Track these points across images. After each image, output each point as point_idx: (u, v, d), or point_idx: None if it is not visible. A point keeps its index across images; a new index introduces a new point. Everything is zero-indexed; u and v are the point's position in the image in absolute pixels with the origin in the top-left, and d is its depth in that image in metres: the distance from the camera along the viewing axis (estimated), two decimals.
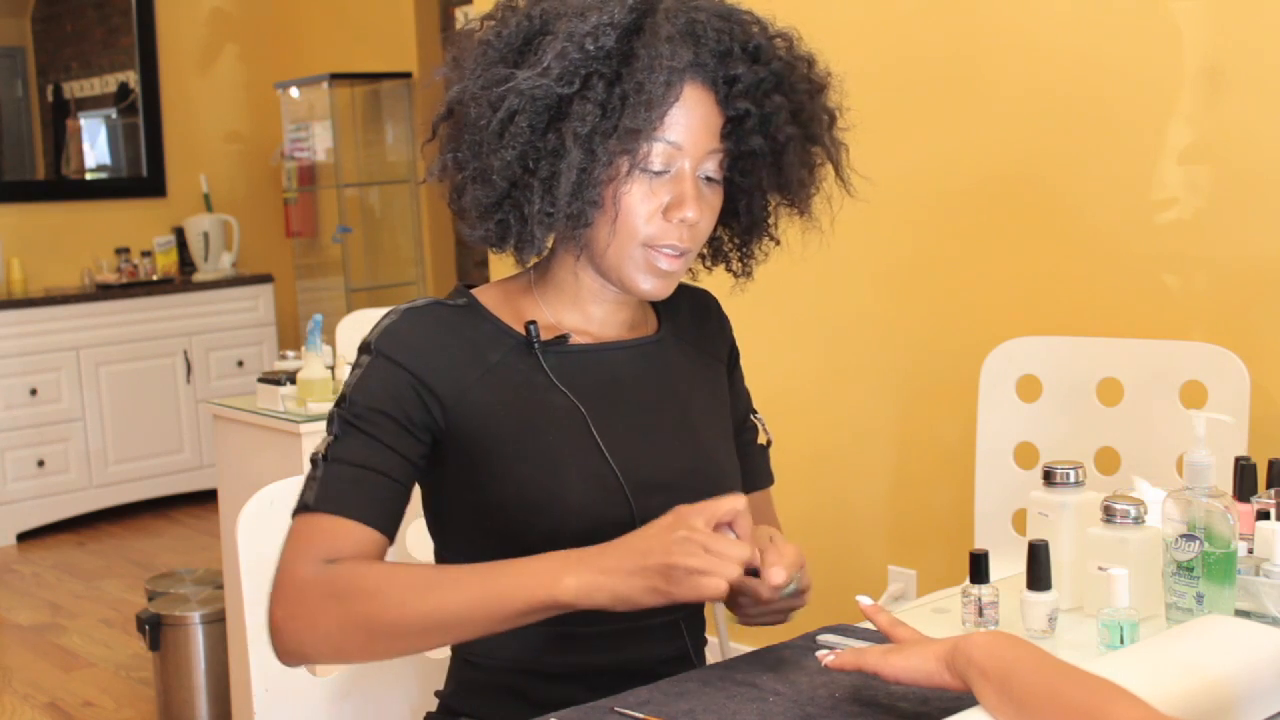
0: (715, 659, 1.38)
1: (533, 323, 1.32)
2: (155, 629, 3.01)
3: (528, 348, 1.32)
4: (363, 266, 5.40)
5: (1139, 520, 1.37)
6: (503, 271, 1.47)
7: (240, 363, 5.39)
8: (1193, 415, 1.35)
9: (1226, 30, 2.21)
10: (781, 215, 1.41)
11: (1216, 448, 1.33)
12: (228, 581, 3.01)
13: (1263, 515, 1.35)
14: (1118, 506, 1.37)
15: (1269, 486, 1.44)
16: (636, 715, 1.14)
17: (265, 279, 5.53)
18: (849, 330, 2.85)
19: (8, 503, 4.84)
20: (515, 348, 1.32)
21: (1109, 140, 2.36)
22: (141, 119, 5.62)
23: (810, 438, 2.92)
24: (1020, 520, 2.26)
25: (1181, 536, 1.30)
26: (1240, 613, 1.30)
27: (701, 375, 1.45)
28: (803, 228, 1.41)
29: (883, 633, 1.17)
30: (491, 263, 3.75)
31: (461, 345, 1.29)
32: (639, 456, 1.31)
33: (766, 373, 2.95)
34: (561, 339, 1.33)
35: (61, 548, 4.81)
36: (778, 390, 2.94)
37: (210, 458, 5.19)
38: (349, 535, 1.21)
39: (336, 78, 5.18)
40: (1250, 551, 1.34)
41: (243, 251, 5.68)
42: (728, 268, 1.46)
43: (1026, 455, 2.30)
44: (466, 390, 1.28)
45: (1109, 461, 2.23)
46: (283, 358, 3.16)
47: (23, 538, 4.90)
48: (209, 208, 5.67)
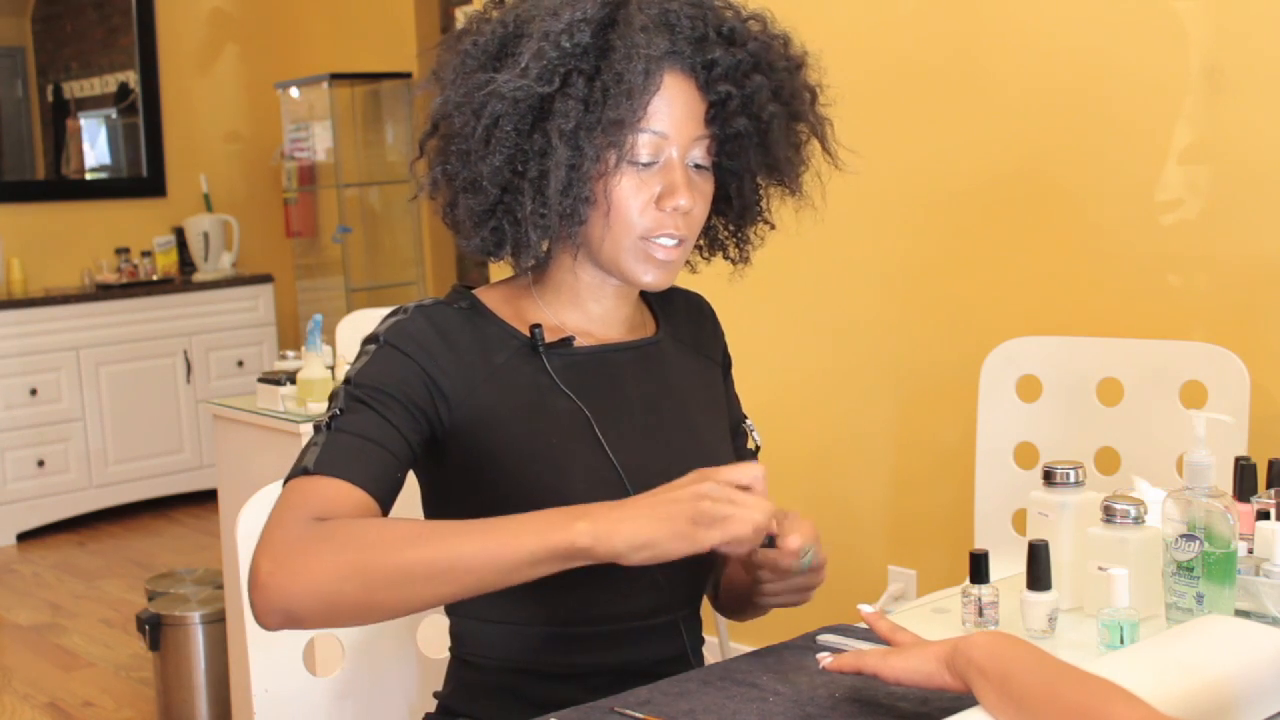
0: (715, 659, 1.38)
1: (537, 326, 1.32)
2: (155, 629, 3.02)
3: (532, 350, 1.32)
4: (363, 266, 5.40)
5: (1139, 520, 1.37)
6: (501, 273, 1.47)
7: (240, 363, 5.39)
8: (1193, 415, 1.35)
9: (1227, 30, 2.21)
10: (774, 198, 1.42)
11: (1216, 448, 1.33)
12: (228, 581, 3.01)
13: (1263, 515, 1.35)
14: (1118, 506, 1.37)
15: (1269, 486, 1.44)
16: (636, 715, 1.14)
17: (265, 279, 5.53)
18: (849, 330, 2.85)
19: (8, 503, 4.84)
20: (519, 350, 1.32)
21: (1109, 140, 2.36)
22: (141, 119, 5.62)
23: (810, 438, 2.92)
24: (1020, 520, 2.26)
25: (1181, 536, 1.30)
26: (1240, 613, 1.30)
27: (700, 377, 1.46)
28: (796, 208, 1.41)
29: (883, 639, 1.17)
30: (491, 263, 3.75)
31: (469, 346, 1.30)
32: (642, 458, 1.32)
33: (766, 373, 2.96)
34: (565, 341, 1.34)
35: (61, 548, 4.81)
36: (778, 390, 2.94)
37: (210, 458, 5.19)
38: (347, 498, 1.18)
39: (336, 78, 5.18)
40: (1250, 551, 1.34)
41: (243, 251, 5.68)
42: (725, 255, 1.46)
43: (1026, 455, 2.30)
44: (473, 391, 1.28)
45: (1109, 461, 2.23)
46: (283, 358, 3.16)
47: (23, 538, 4.90)
48: (209, 208, 5.67)
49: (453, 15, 5.23)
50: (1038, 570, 1.33)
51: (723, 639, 2.56)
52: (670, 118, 1.27)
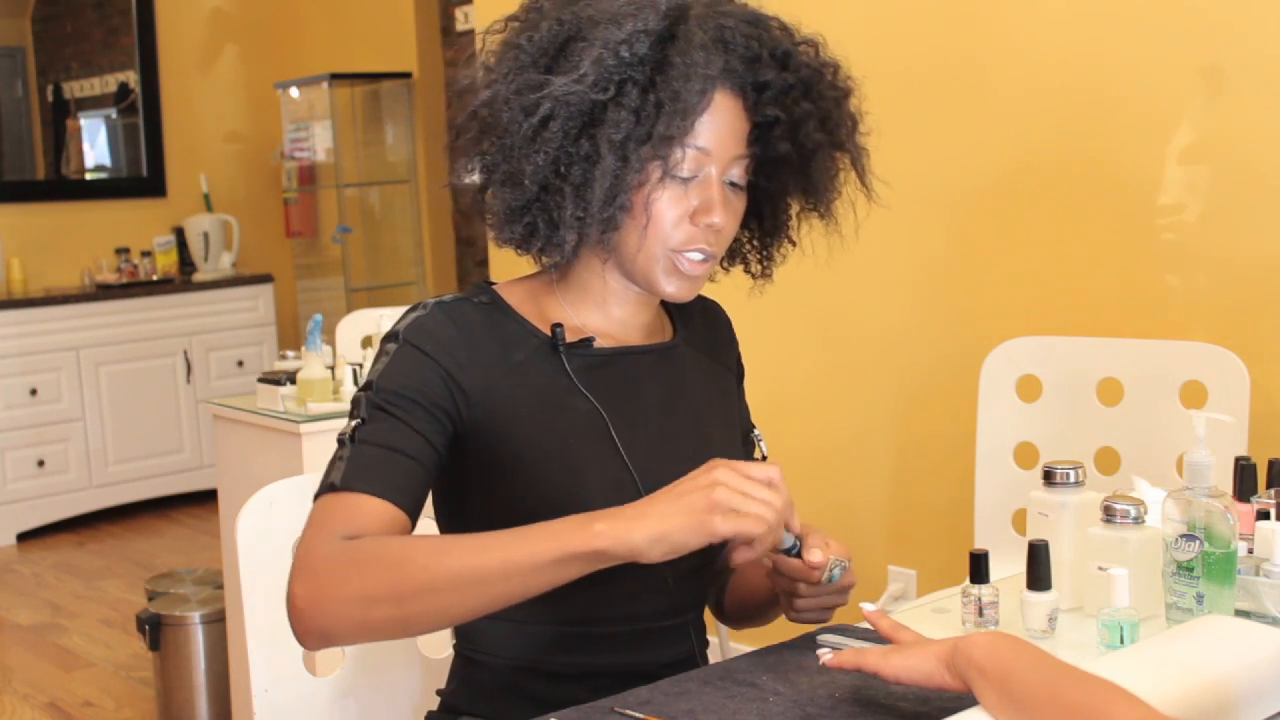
0: (715, 659, 1.39)
1: (559, 325, 1.33)
2: (155, 629, 3.02)
3: (552, 349, 1.32)
4: (363, 266, 5.40)
5: (1139, 520, 1.37)
6: (502, 272, 1.47)
7: (240, 363, 5.39)
8: (1193, 415, 1.35)
9: (1227, 30, 2.21)
10: (802, 219, 1.43)
11: (1216, 448, 1.33)
12: (228, 581, 3.01)
13: (1263, 515, 1.35)
14: (1118, 506, 1.37)
15: (1269, 486, 1.44)
16: (636, 715, 1.14)
17: (265, 279, 5.53)
18: (849, 330, 2.85)
19: (8, 503, 4.84)
20: (540, 348, 1.32)
21: (1109, 141, 2.36)
22: (141, 119, 5.62)
23: (810, 438, 2.92)
24: (1020, 520, 2.26)
25: (1181, 536, 1.30)
26: (1240, 613, 1.30)
27: (714, 382, 1.47)
28: (824, 231, 1.42)
29: (885, 637, 1.18)
30: (491, 263, 3.75)
31: (488, 343, 1.30)
32: (657, 461, 1.32)
33: (767, 373, 2.95)
34: (585, 341, 1.34)
35: (61, 548, 4.81)
36: (778, 390, 2.94)
37: (210, 458, 5.20)
38: (373, 512, 1.19)
39: (336, 78, 5.19)
40: (1250, 551, 1.34)
41: (243, 251, 5.68)
42: (746, 269, 1.47)
43: (1026, 455, 2.30)
44: (492, 387, 1.28)
45: (1109, 461, 2.23)
46: (283, 358, 3.16)
47: (23, 538, 4.90)
48: (209, 208, 5.67)
49: (453, 15, 5.23)
50: (1038, 570, 1.33)
51: (723, 639, 2.56)
52: (715, 135, 1.28)
